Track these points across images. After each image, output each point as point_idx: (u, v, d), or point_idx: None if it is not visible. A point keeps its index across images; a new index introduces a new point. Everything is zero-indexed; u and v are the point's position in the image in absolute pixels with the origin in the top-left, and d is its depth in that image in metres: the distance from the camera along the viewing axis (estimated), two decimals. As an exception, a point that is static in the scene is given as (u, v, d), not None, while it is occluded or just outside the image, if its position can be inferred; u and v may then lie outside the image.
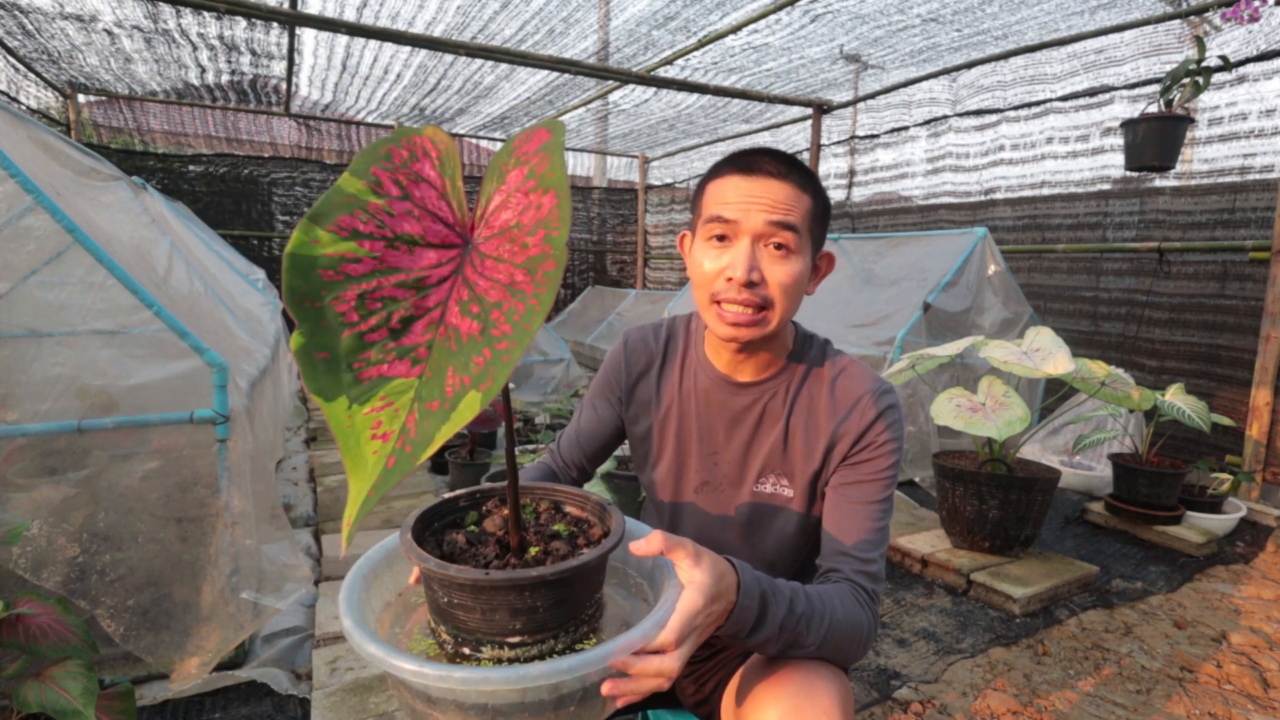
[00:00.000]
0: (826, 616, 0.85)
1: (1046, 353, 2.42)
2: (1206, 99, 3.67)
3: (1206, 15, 3.52)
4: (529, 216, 0.55)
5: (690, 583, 0.71)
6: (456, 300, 0.56)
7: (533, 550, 0.70)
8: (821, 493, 1.03)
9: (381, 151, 0.59)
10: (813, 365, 1.05)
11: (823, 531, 1.00)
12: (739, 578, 0.76)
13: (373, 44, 4.35)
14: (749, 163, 0.94)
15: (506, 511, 0.73)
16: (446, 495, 0.81)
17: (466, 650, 0.67)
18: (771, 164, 0.93)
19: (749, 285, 0.92)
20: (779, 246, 0.92)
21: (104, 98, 5.98)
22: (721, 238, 0.94)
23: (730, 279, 0.92)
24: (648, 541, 0.72)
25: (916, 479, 3.42)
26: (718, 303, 0.95)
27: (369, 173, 0.58)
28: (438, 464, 3.46)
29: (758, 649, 0.83)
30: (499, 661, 0.65)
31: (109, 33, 4.29)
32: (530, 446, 3.43)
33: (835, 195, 6.23)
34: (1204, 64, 2.86)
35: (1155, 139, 3.09)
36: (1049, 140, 4.50)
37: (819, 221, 0.97)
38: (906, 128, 5.42)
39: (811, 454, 1.02)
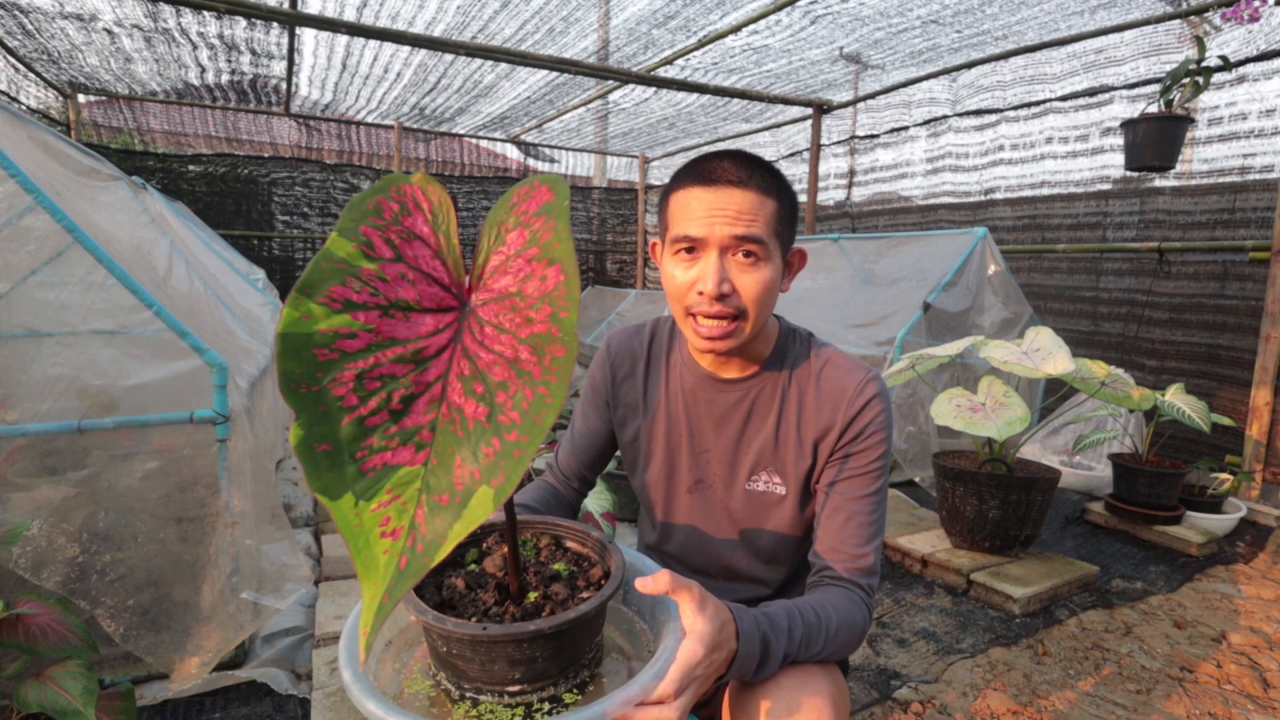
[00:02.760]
0: (824, 631, 0.86)
1: (1046, 353, 2.42)
2: (1206, 99, 3.67)
3: (1206, 15, 3.52)
4: (532, 287, 0.52)
5: (692, 631, 0.71)
6: (458, 375, 0.53)
7: (532, 596, 0.70)
8: (814, 490, 1.03)
9: (370, 205, 0.55)
10: (798, 360, 1.05)
11: (815, 529, 1.01)
12: (738, 626, 0.76)
13: (373, 44, 4.35)
14: (710, 172, 0.92)
15: (505, 550, 0.72)
16: None
17: (467, 696, 0.67)
18: (733, 171, 0.91)
19: (721, 298, 0.92)
20: (747, 254, 0.92)
21: (104, 98, 5.98)
22: (690, 249, 0.94)
23: (702, 292, 0.92)
24: (654, 580, 0.72)
25: (916, 479, 3.41)
26: (692, 315, 0.95)
27: (359, 232, 0.54)
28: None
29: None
30: (501, 708, 0.66)
31: (109, 32, 4.29)
32: (530, 446, 3.45)
33: (835, 195, 6.23)
34: (1204, 64, 2.86)
35: (1155, 139, 3.09)
36: (1049, 140, 4.50)
37: (786, 222, 0.96)
38: (906, 128, 5.42)
39: (802, 450, 1.02)
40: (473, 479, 0.49)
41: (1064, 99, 4.35)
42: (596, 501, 2.76)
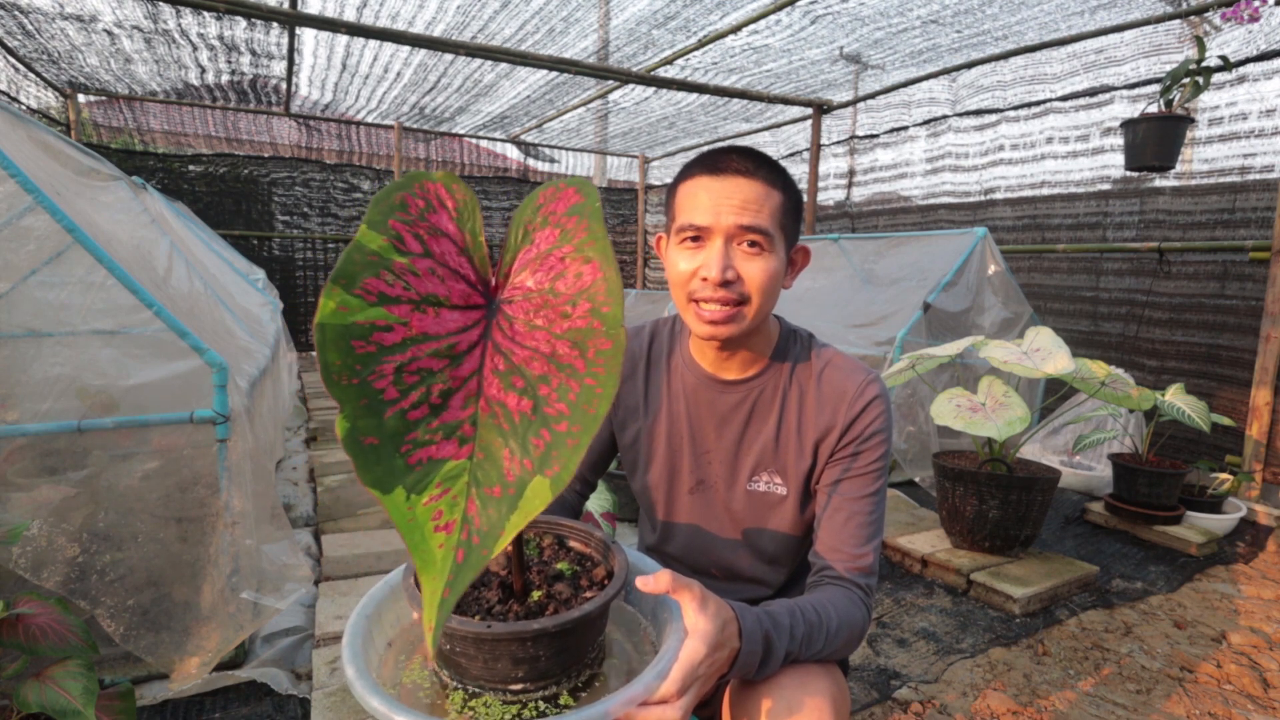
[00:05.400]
0: (825, 630, 0.86)
1: (1046, 353, 2.42)
2: (1206, 99, 3.67)
3: (1206, 15, 3.52)
4: (565, 284, 0.53)
5: (694, 630, 0.71)
6: (493, 370, 0.53)
7: (535, 594, 0.70)
8: (814, 490, 1.03)
9: (396, 200, 0.56)
10: (798, 360, 1.05)
11: (815, 529, 1.01)
12: (741, 624, 0.76)
13: (372, 43, 4.36)
14: (717, 163, 0.94)
15: (510, 549, 0.73)
16: None
17: (469, 693, 0.67)
18: (740, 162, 0.93)
19: (724, 284, 0.92)
20: (752, 244, 0.93)
21: (104, 98, 5.98)
22: (696, 238, 0.95)
23: (705, 279, 0.93)
24: (655, 580, 0.72)
25: (916, 479, 3.41)
26: (695, 302, 0.95)
27: (388, 226, 0.54)
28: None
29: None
30: (503, 705, 0.66)
31: (109, 33, 4.29)
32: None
33: (835, 195, 6.23)
34: (1204, 64, 2.86)
35: (1155, 139, 3.09)
36: (1049, 140, 4.50)
37: (791, 217, 0.97)
38: (906, 128, 5.42)
39: (803, 451, 1.02)
40: (525, 470, 0.49)
41: (1064, 99, 4.35)
42: (597, 502, 2.76)
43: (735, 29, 3.93)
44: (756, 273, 0.93)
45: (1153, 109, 3.10)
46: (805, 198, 5.70)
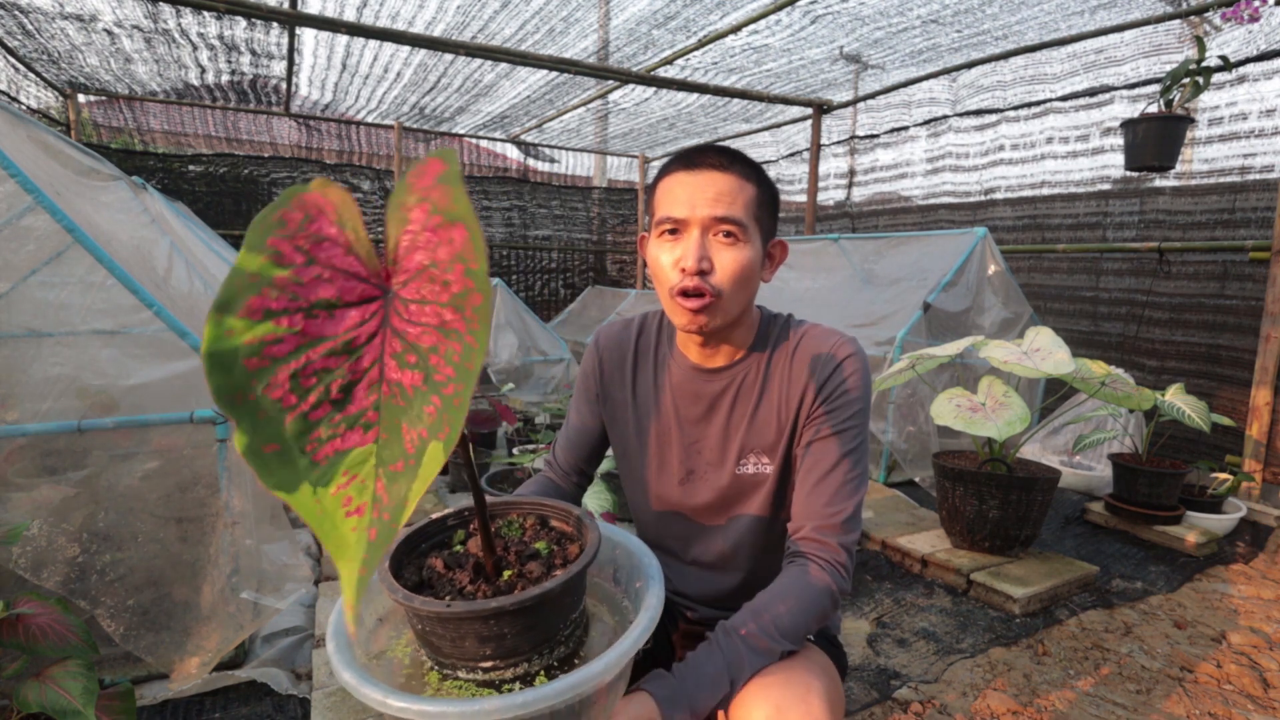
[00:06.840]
0: (775, 628, 0.88)
1: (1046, 353, 2.42)
2: (1206, 99, 3.67)
3: (1206, 15, 3.52)
4: (444, 252, 0.54)
5: None
6: (391, 354, 0.55)
7: (506, 574, 0.71)
8: (794, 459, 1.04)
9: (274, 219, 0.56)
10: (779, 342, 1.07)
11: (794, 492, 1.02)
12: (658, 706, 0.80)
13: (373, 44, 4.35)
14: (692, 159, 0.97)
15: (478, 530, 0.74)
16: (434, 515, 0.82)
17: (444, 671, 0.69)
18: (714, 158, 0.96)
19: (700, 274, 0.95)
20: (727, 235, 0.95)
21: (104, 98, 5.98)
22: (674, 231, 0.97)
23: (683, 269, 0.95)
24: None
25: (916, 479, 3.41)
26: (674, 295, 0.97)
27: (266, 245, 0.55)
28: (438, 464, 3.44)
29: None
30: (476, 684, 0.67)
31: (109, 33, 4.29)
32: (530, 445, 3.44)
33: (835, 195, 6.23)
34: (1204, 64, 2.86)
35: (1155, 139, 3.09)
36: (1049, 140, 4.50)
37: (766, 210, 1.00)
38: (906, 128, 5.42)
39: (784, 425, 1.03)
40: (421, 439, 0.51)
41: (1064, 99, 4.35)
42: (596, 501, 2.76)
43: (735, 29, 3.92)
44: (731, 263, 0.95)
45: (1153, 109, 3.10)
46: (805, 198, 5.70)
